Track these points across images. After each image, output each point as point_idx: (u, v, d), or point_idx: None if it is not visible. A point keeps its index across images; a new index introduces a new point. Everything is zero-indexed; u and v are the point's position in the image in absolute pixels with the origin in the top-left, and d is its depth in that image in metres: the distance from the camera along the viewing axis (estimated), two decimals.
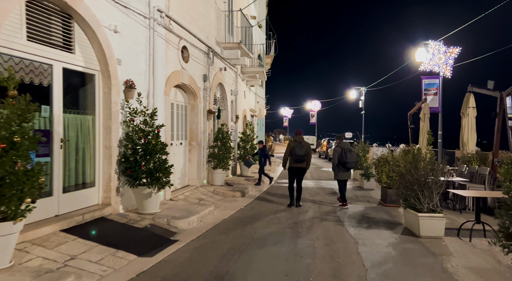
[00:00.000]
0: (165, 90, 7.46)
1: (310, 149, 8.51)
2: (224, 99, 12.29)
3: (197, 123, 9.45)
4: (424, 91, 16.93)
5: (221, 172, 10.00)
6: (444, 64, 16.36)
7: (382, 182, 8.77)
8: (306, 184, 12.74)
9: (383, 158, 8.82)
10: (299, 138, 8.46)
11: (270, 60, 26.69)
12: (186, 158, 9.32)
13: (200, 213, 6.56)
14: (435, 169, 6.14)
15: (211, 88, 10.41)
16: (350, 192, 11.00)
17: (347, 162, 8.38)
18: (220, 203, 8.40)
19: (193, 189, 9.00)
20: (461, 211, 7.92)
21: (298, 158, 8.25)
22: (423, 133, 12.78)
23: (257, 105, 21.81)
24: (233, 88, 13.16)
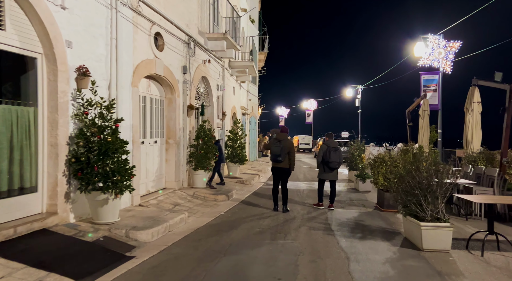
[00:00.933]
0: (132, 81, 6.56)
1: (291, 148, 7.66)
2: (209, 95, 11.40)
3: (175, 119, 8.55)
4: (423, 87, 16.13)
5: (203, 173, 9.11)
6: (444, 59, 15.55)
7: (378, 185, 7.92)
8: (298, 185, 11.88)
9: (380, 158, 7.97)
10: (281, 136, 7.64)
11: (264, 57, 25.81)
12: (163, 158, 8.42)
13: (169, 221, 5.67)
14: (440, 170, 5.29)
15: (192, 81, 9.52)
16: (344, 195, 10.15)
17: (330, 161, 7.87)
18: (198, 208, 7.51)
19: (169, 192, 8.11)
20: (467, 217, 7.08)
21: (274, 157, 7.55)
22: (422, 131, 11.96)
23: (249, 103, 20.93)
24: (220, 83, 12.27)
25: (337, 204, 8.54)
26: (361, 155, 11.92)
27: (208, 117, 11.54)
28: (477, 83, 8.95)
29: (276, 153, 7.55)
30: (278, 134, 7.76)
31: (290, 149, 7.67)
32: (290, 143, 7.76)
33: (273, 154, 7.59)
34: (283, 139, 7.66)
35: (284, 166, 7.66)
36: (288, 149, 7.63)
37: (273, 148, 7.59)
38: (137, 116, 6.84)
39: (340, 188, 11.54)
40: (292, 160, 7.71)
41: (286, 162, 7.69)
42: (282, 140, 7.63)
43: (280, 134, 7.73)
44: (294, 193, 10.25)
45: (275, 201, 7.81)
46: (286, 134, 7.78)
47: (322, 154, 8.04)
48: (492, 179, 7.17)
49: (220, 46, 10.82)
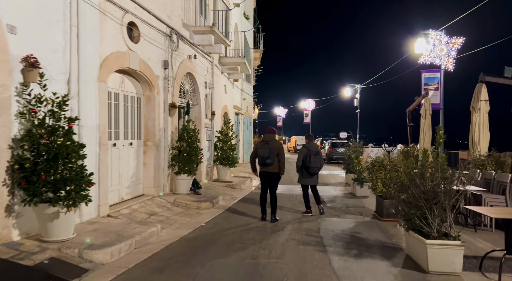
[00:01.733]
0: (99, 75, 5.80)
1: (280, 149, 6.96)
2: (195, 93, 10.64)
3: (154, 119, 7.79)
4: (424, 86, 15.42)
5: (186, 178, 8.35)
6: (446, 56, 14.85)
7: (377, 191, 7.18)
8: (292, 190, 11.13)
9: (378, 161, 7.23)
10: (268, 137, 6.94)
11: (259, 55, 25.08)
12: (140, 162, 7.67)
13: (135, 237, 4.92)
14: (447, 177, 4.55)
15: (175, 77, 8.76)
16: (340, 200, 9.41)
17: (310, 166, 7.39)
18: (176, 218, 6.76)
19: (147, 199, 7.35)
20: (476, 228, 6.35)
21: (261, 161, 6.84)
22: (424, 132, 11.24)
23: (244, 102, 20.18)
24: (208, 80, 11.52)
25: (331, 212, 7.80)
26: (358, 157, 11.19)
27: (195, 117, 10.79)
28: (485, 79, 8.22)
29: (264, 156, 6.83)
30: (265, 136, 7.04)
31: (279, 151, 6.95)
32: (279, 144, 7.03)
33: (261, 157, 6.87)
34: (270, 140, 6.94)
35: (273, 170, 6.94)
36: (277, 150, 6.91)
37: (260, 151, 6.87)
38: (106, 115, 6.08)
39: (336, 192, 10.81)
40: (282, 163, 6.99)
41: (275, 165, 6.97)
42: (269, 142, 6.91)
43: (267, 135, 7.01)
44: (286, 198, 9.51)
45: (262, 209, 7.07)
46: (273, 135, 7.06)
47: (301, 158, 7.48)
48: (504, 186, 6.44)
49: (208, 40, 10.07)
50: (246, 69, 14.58)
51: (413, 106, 12.36)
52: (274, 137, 7.06)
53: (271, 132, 7.16)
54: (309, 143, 7.76)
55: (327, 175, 15.85)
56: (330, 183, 12.94)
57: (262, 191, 7.11)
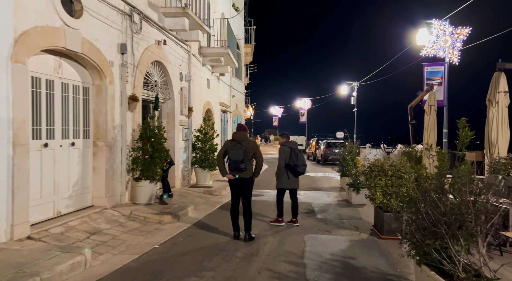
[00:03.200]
0: (14, 53, 4.43)
1: (256, 149, 5.67)
2: (167, 85, 9.27)
3: (106, 113, 6.42)
4: (427, 80, 14.10)
5: (148, 185, 6.98)
6: (451, 48, 13.56)
7: (375, 201, 5.84)
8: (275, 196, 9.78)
9: (377, 165, 5.89)
10: (240, 136, 5.64)
11: (251, 50, 23.75)
12: (88, 166, 6.29)
13: (42, 274, 3.55)
14: (479, 191, 3.21)
15: (137, 65, 7.40)
16: (333, 210, 8.06)
17: (299, 165, 6.48)
18: (126, 237, 5.39)
19: (94, 213, 5.98)
20: (502, 250, 5.03)
21: (233, 166, 5.51)
22: (428, 130, 9.90)
23: (233, 99, 18.84)
24: (185, 72, 10.16)
25: (321, 226, 6.46)
26: (354, 159, 9.86)
27: (168, 113, 9.43)
28: (504, 67, 6.91)
29: (237, 159, 5.48)
30: (236, 134, 5.71)
31: (255, 152, 5.65)
32: (254, 144, 5.72)
33: (233, 161, 5.50)
34: (243, 139, 5.61)
35: (246, 175, 5.63)
36: (252, 152, 5.62)
37: (232, 153, 5.50)
38: (27, 106, 4.71)
39: (329, 199, 9.47)
40: (259, 166, 5.72)
41: (250, 170, 5.65)
42: (243, 141, 5.58)
43: (238, 133, 5.69)
44: (271, 207, 8.16)
45: (235, 225, 5.71)
46: (245, 133, 5.73)
47: (284, 157, 6.53)
48: None
49: (180, 24, 8.71)
50: (232, 62, 13.22)
51: (416, 101, 11.06)
52: (247, 135, 5.74)
53: (242, 129, 5.83)
54: (289, 142, 6.77)
55: (320, 178, 14.52)
56: (323, 188, 11.61)
57: (233, 203, 5.77)
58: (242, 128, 5.82)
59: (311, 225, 6.58)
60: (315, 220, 6.96)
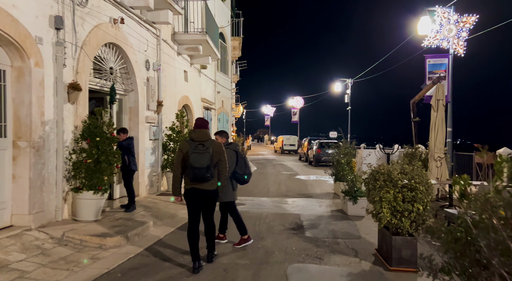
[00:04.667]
0: None
1: (222, 154, 4.34)
2: (129, 74, 7.78)
3: (30, 105, 4.92)
4: (429, 74, 12.79)
5: (91, 196, 5.50)
6: (456, 38, 12.28)
7: (382, 221, 4.43)
8: (262, 205, 8.35)
9: (383, 172, 4.49)
10: (201, 135, 4.26)
11: (238, 44, 22.31)
12: (5, 174, 4.79)
13: None
14: None
15: (82, 46, 5.91)
16: (325, 224, 6.65)
17: (248, 173, 5.19)
18: (41, 274, 3.90)
19: (7, 237, 4.48)
20: None
21: (197, 174, 4.04)
22: (435, 128, 8.57)
23: (218, 96, 17.38)
24: (153, 60, 8.67)
25: (311, 249, 5.05)
26: (350, 163, 8.48)
27: (130, 108, 7.94)
28: None
29: (201, 166, 4.04)
30: (195, 133, 4.28)
31: (220, 156, 4.29)
32: (220, 147, 4.35)
33: (197, 169, 4.04)
34: (206, 140, 4.21)
35: (211, 187, 4.26)
36: (218, 156, 4.28)
37: (195, 158, 4.04)
38: None
39: (321, 209, 8.07)
40: (223, 175, 4.37)
41: (215, 179, 4.28)
42: (206, 142, 4.17)
43: (199, 131, 4.28)
44: (252, 219, 6.72)
45: (194, 253, 4.24)
46: (207, 131, 4.33)
47: (231, 163, 5.00)
48: None
49: (143, 0, 7.24)
50: (213, 52, 11.76)
51: (420, 96, 9.73)
52: (209, 133, 4.32)
53: (203, 125, 4.37)
54: (232, 144, 5.35)
55: (312, 182, 13.14)
56: (315, 195, 10.21)
57: (192, 223, 4.35)
58: (204, 123, 4.38)
59: (297, 248, 5.15)
60: (303, 240, 5.54)
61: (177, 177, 4.21)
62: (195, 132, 4.24)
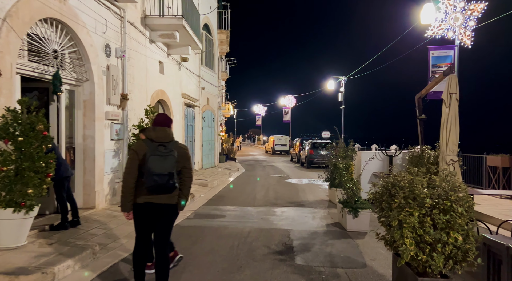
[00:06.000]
0: None
1: (187, 159, 3.39)
2: (82, 60, 6.40)
3: None
4: (432, 68, 11.65)
5: (11, 216, 4.11)
6: (462, 27, 11.14)
7: (404, 255, 3.14)
8: (246, 215, 7.03)
9: (403, 185, 3.21)
10: (162, 135, 3.28)
11: (226, 38, 20.97)
12: None
13: None
14: None
15: (4, 18, 4.52)
16: (320, 245, 5.34)
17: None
18: None
19: None
20: None
21: (156, 182, 3.10)
22: (448, 127, 7.33)
23: (203, 92, 16.03)
24: (116, 45, 7.30)
25: None
26: (349, 168, 7.22)
27: (85, 101, 6.56)
28: None
29: (161, 172, 3.10)
30: (156, 131, 3.28)
31: (185, 163, 3.36)
32: (186, 151, 3.41)
33: (155, 175, 3.07)
34: (170, 141, 3.27)
35: (169, 201, 3.29)
36: (183, 162, 3.33)
37: (154, 161, 3.09)
38: None
39: (314, 223, 6.78)
40: (187, 185, 3.39)
41: (176, 192, 3.31)
42: (168, 144, 3.22)
43: (160, 130, 3.29)
44: (230, 238, 5.38)
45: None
46: (170, 130, 3.36)
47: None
48: None
49: None
50: (193, 41, 10.42)
51: (427, 89, 8.52)
52: (172, 134, 3.33)
53: (166, 123, 3.34)
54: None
55: (304, 186, 11.87)
56: (307, 203, 8.92)
57: (140, 245, 3.27)
58: (166, 120, 3.36)
59: None
60: (292, 271, 4.25)
61: (129, 188, 3.15)
62: (155, 131, 3.21)
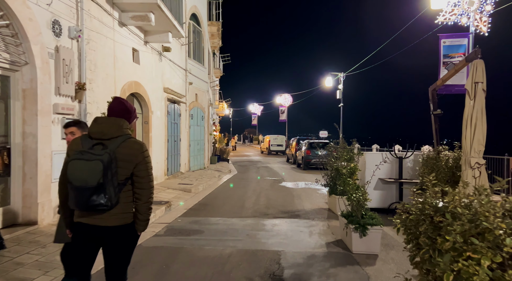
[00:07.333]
0: None
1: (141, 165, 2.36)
2: (19, 38, 5.07)
3: None
4: (444, 58, 10.41)
5: None
6: (478, 13, 9.94)
7: None
8: (229, 231, 5.72)
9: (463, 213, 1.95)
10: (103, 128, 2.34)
11: (217, 31, 19.68)
12: None
13: None
14: None
15: None
16: (318, 274, 4.07)
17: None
18: None
19: None
20: None
21: (75, 198, 2.17)
22: (472, 123, 6.08)
23: (190, 87, 14.71)
24: (70, 24, 5.99)
25: None
26: (354, 173, 5.93)
27: (25, 91, 5.24)
28: None
29: (81, 184, 2.17)
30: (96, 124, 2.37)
31: (136, 168, 2.37)
32: (135, 151, 2.37)
33: (73, 188, 2.18)
34: (114, 137, 2.34)
35: (115, 222, 2.35)
36: (130, 166, 2.35)
37: (72, 168, 2.18)
38: None
39: (313, 241, 5.49)
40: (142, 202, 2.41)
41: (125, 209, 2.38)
42: (110, 142, 2.31)
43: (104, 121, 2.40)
44: (204, 266, 4.08)
45: None
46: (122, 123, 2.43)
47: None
48: None
49: None
50: (172, 27, 9.12)
51: (444, 80, 7.27)
52: (125, 125, 2.44)
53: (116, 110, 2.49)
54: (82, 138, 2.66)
55: (300, 191, 10.58)
56: (303, 212, 7.63)
57: None
58: (121, 108, 2.49)
59: None
60: None
61: (62, 201, 2.45)
62: (96, 123, 2.38)
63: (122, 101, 2.49)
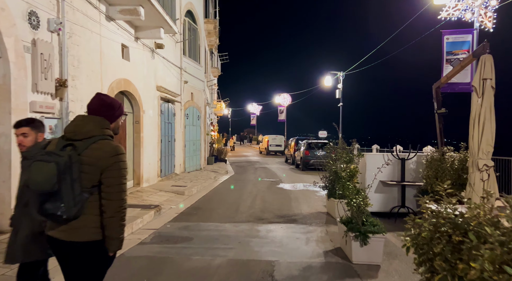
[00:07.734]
0: None
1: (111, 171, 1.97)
2: None
3: None
4: (447, 55, 10.00)
5: None
6: (482, 8, 9.54)
7: None
8: (221, 238, 5.31)
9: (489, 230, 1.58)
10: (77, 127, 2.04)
11: (214, 29, 19.28)
12: None
13: None
14: None
15: None
16: None
17: None
18: None
19: None
20: None
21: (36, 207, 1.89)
22: (479, 122, 5.68)
23: (185, 86, 14.31)
24: (51, 16, 5.59)
25: None
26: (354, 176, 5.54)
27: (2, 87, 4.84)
28: None
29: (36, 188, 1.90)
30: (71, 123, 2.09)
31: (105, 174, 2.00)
32: (105, 153, 2.00)
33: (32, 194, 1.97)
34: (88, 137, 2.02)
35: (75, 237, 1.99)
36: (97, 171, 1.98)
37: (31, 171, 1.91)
38: None
39: (310, 249, 5.09)
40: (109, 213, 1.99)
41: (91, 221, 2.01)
42: (81, 143, 2.00)
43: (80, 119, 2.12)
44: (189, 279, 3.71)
45: None
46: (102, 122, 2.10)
47: None
48: None
49: None
50: (164, 22, 8.72)
51: (449, 77, 6.87)
52: (103, 124, 2.09)
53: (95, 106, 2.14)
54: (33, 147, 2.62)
55: (298, 194, 10.18)
56: (301, 216, 7.23)
57: None
58: (101, 105, 2.15)
59: None
60: None
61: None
62: (72, 122, 2.12)
63: (102, 97, 2.16)
